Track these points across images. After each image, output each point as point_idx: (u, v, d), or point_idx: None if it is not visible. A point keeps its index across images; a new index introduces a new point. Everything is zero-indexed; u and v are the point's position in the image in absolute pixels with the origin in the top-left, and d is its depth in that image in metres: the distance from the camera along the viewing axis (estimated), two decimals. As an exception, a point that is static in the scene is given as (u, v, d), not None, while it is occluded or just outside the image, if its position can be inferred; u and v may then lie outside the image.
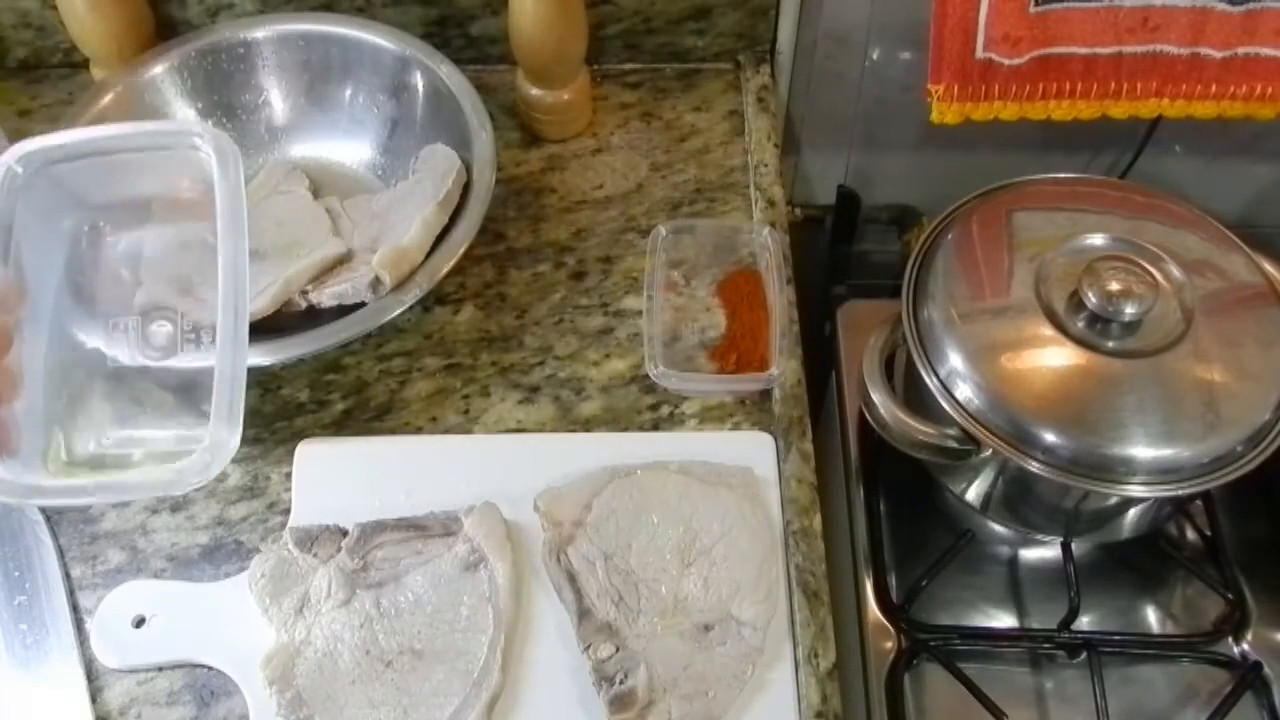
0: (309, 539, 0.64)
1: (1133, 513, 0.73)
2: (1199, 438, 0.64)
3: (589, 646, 0.60)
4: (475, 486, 0.67)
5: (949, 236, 0.74)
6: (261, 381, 0.73)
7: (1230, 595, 0.76)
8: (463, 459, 0.69)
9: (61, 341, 0.65)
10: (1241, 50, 0.79)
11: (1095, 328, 0.67)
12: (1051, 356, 0.67)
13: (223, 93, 0.82)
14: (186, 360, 0.66)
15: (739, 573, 0.63)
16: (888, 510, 0.81)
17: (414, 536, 0.64)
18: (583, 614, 0.61)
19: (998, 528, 0.79)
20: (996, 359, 0.68)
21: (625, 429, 0.71)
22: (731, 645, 0.61)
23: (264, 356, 0.66)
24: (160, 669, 0.62)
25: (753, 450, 0.69)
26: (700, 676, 0.60)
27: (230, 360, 0.59)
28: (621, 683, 0.59)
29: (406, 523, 0.65)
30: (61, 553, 0.66)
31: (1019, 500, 0.75)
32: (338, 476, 0.68)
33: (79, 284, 0.67)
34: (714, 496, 0.66)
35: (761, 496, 0.67)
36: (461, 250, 0.71)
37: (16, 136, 0.65)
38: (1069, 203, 0.75)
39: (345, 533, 0.64)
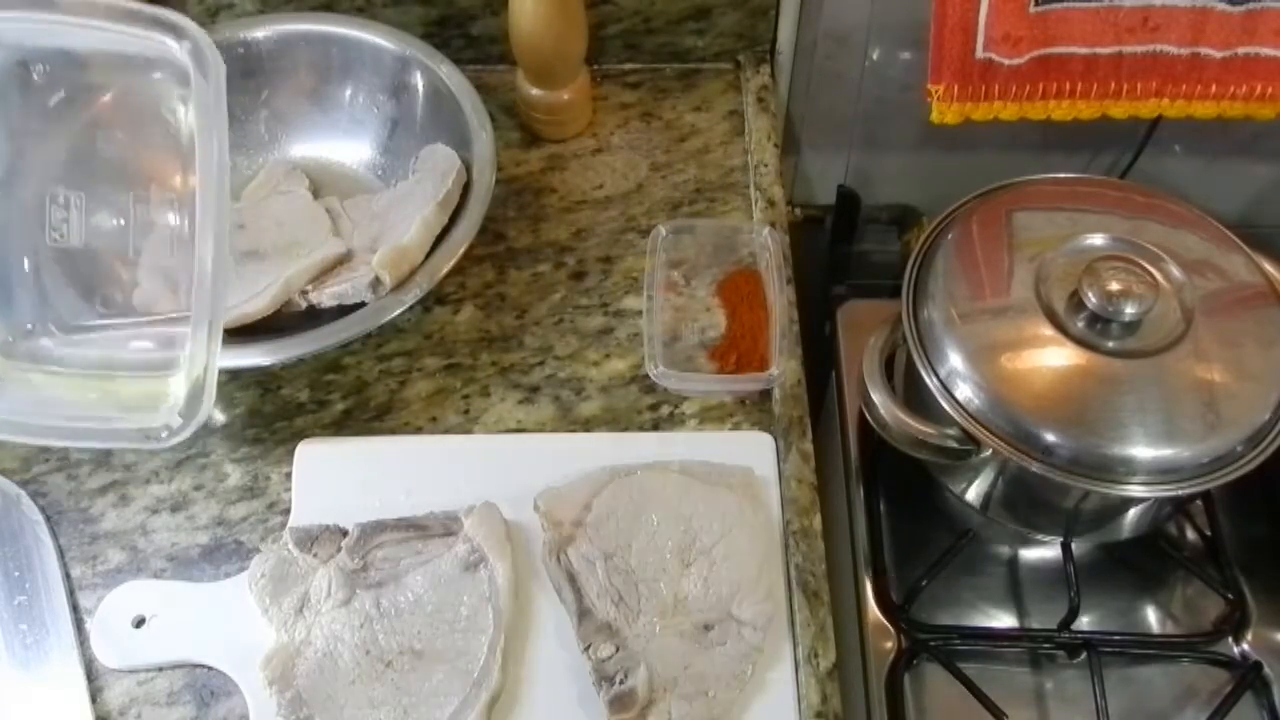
0: (309, 539, 0.64)
1: (1133, 513, 0.73)
2: (1199, 438, 0.64)
3: (589, 646, 0.60)
4: (475, 486, 0.67)
5: (949, 236, 0.74)
6: (261, 381, 0.74)
7: (1230, 595, 0.76)
8: (463, 459, 0.69)
9: None
10: (1241, 50, 0.79)
11: (1095, 328, 0.67)
12: (1051, 356, 0.67)
13: (223, 93, 0.82)
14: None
15: (739, 573, 0.63)
16: (888, 510, 0.81)
17: (414, 536, 0.64)
18: (583, 614, 0.61)
19: (998, 528, 0.79)
20: (996, 359, 0.68)
21: (625, 429, 0.71)
22: (731, 645, 0.61)
23: (264, 356, 0.66)
24: (160, 669, 0.62)
25: (753, 450, 0.69)
26: (700, 676, 0.60)
27: (208, 318, 0.54)
28: (621, 683, 0.59)
29: (406, 523, 0.65)
30: (61, 553, 0.66)
31: (1019, 500, 0.75)
32: (338, 476, 0.68)
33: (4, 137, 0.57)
34: (714, 496, 0.66)
35: (761, 496, 0.67)
36: (461, 250, 0.71)
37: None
38: (1069, 203, 0.75)
39: (345, 533, 0.64)
